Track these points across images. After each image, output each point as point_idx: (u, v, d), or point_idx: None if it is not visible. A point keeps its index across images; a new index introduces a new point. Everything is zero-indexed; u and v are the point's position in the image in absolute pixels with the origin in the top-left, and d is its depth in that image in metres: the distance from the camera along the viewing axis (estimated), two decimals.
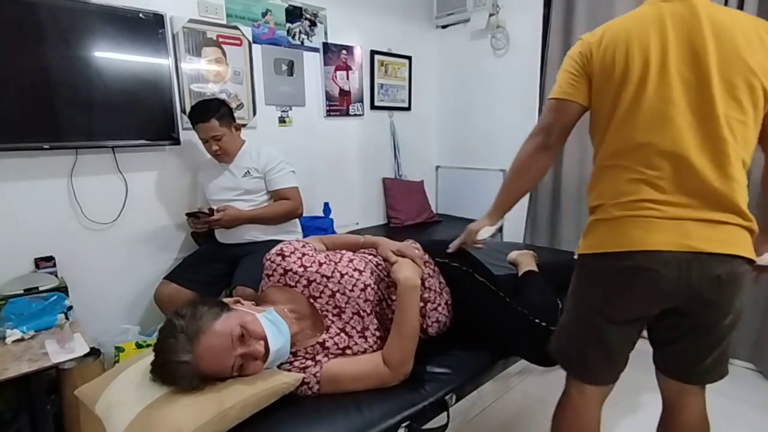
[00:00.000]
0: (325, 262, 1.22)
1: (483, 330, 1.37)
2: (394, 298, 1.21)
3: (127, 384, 1.01)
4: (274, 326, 1.05)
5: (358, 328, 1.16)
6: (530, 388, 2.12)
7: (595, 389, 1.15)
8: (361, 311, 1.17)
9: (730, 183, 0.96)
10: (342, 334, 1.14)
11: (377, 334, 1.17)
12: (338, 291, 1.18)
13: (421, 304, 1.25)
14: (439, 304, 1.33)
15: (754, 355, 2.19)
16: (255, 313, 1.06)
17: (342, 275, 1.20)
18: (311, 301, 1.17)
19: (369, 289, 1.20)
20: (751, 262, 0.99)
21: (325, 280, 1.18)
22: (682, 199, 0.97)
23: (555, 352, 1.21)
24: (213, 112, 2.00)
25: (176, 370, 0.94)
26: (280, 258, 1.20)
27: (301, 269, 1.19)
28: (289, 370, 1.09)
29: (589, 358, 1.12)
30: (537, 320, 1.30)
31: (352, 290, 1.18)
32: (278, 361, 1.08)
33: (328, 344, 1.13)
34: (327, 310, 1.17)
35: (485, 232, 1.38)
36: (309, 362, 1.09)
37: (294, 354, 1.12)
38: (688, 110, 0.97)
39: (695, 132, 0.97)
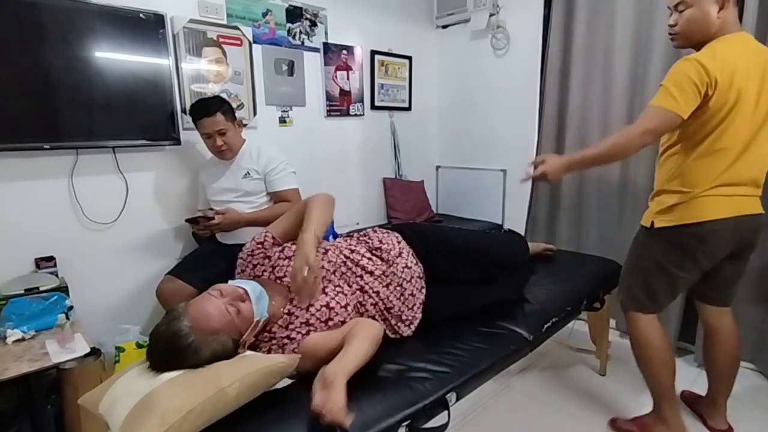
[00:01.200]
0: (286, 246, 1.40)
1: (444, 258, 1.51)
2: (357, 258, 1.37)
3: (129, 381, 1.02)
4: (239, 280, 1.23)
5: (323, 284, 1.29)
6: (530, 387, 2.12)
7: (654, 315, 1.66)
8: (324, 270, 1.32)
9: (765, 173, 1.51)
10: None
11: (340, 288, 1.31)
12: None
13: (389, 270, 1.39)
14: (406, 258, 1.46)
15: (755, 355, 2.19)
16: None
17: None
18: (278, 282, 1.30)
19: (329, 252, 1.38)
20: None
21: (288, 261, 1.33)
22: (740, 183, 1.46)
23: (626, 297, 1.70)
24: (217, 106, 2.01)
25: (177, 329, 1.01)
26: (249, 257, 1.39)
27: (266, 260, 1.37)
28: (271, 343, 1.18)
29: (660, 299, 1.63)
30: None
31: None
32: (263, 302, 1.17)
33: (293, 310, 1.23)
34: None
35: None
36: (285, 340, 1.18)
37: (270, 330, 1.21)
38: (756, 129, 1.42)
39: (753, 145, 1.43)
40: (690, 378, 2.12)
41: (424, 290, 1.43)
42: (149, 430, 0.83)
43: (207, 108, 2.00)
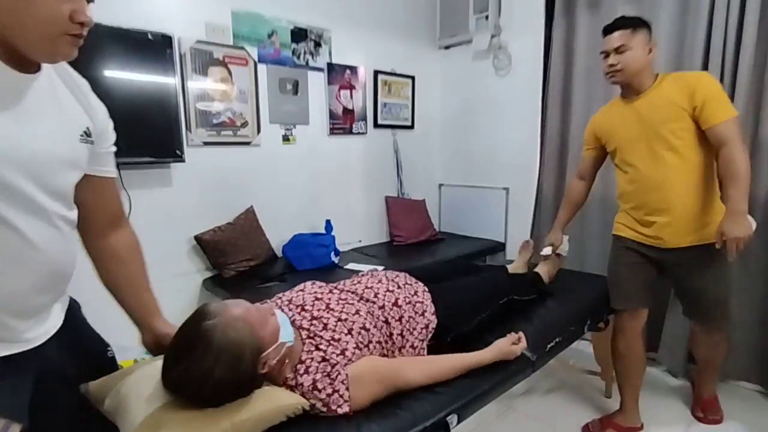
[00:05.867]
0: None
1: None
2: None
3: (139, 381, 1.00)
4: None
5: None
6: (534, 409, 2.08)
7: None
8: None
9: None
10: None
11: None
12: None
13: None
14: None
15: (764, 377, 2.14)
16: None
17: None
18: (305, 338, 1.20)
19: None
20: None
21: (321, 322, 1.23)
22: None
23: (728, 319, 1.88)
24: None
25: (206, 308, 1.01)
26: (300, 308, 1.26)
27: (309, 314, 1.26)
28: (308, 376, 1.07)
29: None
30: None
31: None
32: (289, 329, 1.10)
33: (314, 329, 1.18)
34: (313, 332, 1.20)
35: None
36: (324, 364, 1.09)
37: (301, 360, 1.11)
38: None
39: None
40: None
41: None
42: None
43: None
